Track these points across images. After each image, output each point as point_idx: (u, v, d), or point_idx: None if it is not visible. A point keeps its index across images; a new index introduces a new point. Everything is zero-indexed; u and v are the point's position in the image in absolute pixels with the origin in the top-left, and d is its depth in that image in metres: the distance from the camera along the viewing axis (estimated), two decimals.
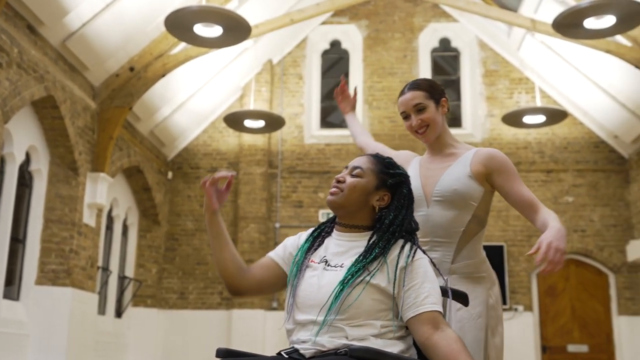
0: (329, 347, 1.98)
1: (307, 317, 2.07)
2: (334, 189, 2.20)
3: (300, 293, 2.13)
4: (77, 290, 7.39)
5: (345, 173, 2.23)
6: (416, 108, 2.57)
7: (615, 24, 6.35)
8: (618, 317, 9.74)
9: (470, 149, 2.60)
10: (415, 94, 2.57)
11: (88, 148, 7.78)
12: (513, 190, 2.47)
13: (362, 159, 2.25)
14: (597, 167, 10.20)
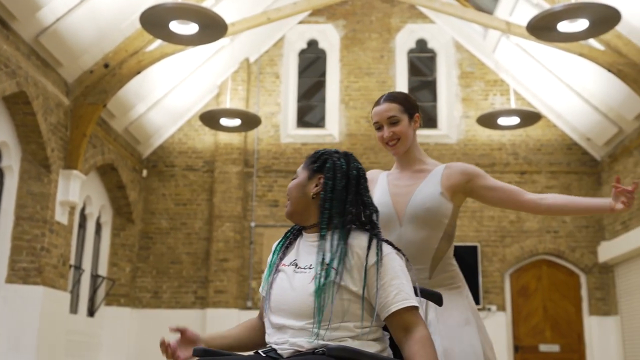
0: (306, 348, 1.98)
1: (282, 320, 2.06)
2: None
3: (272, 297, 2.12)
4: (49, 288, 7.29)
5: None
6: (390, 120, 2.59)
7: (588, 28, 6.42)
8: (589, 317, 9.87)
9: (439, 165, 2.64)
10: (390, 106, 2.59)
11: (61, 145, 7.69)
12: (497, 184, 2.56)
13: (300, 169, 2.24)
14: (570, 169, 10.33)
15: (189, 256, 10.35)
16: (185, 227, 10.46)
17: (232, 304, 9.92)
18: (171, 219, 10.49)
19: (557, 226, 10.13)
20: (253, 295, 10.13)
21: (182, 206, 10.55)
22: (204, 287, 10.18)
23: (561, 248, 10.06)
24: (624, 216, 9.36)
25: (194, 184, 10.62)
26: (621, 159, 9.49)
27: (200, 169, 10.68)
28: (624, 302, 9.44)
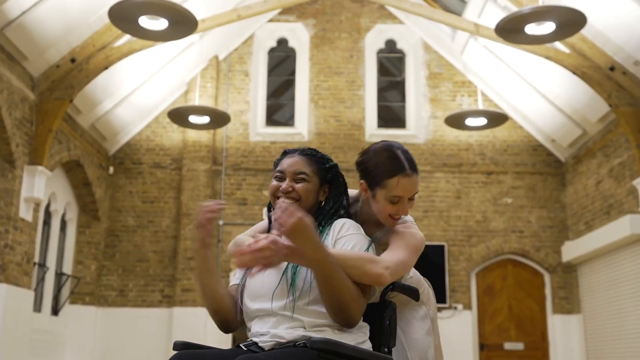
0: (287, 339, 2.02)
1: (259, 305, 2.11)
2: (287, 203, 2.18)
3: (249, 286, 2.17)
4: (12, 286, 7.16)
5: (287, 182, 2.23)
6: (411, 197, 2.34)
7: (554, 31, 6.54)
8: (553, 315, 10.05)
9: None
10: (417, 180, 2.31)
11: (26, 140, 7.55)
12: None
13: (299, 161, 2.27)
14: (535, 169, 10.50)
15: (156, 254, 10.26)
16: (153, 225, 10.36)
17: (199, 302, 9.86)
18: (138, 217, 10.38)
19: (523, 226, 10.30)
20: None
21: (149, 204, 10.44)
22: (171, 285, 10.10)
23: (526, 248, 10.22)
24: (587, 216, 9.55)
25: (162, 182, 10.53)
26: (585, 161, 9.67)
27: (168, 166, 10.58)
28: (586, 301, 9.64)
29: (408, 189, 2.23)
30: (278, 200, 2.23)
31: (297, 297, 2.05)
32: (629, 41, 7.55)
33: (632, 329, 8.31)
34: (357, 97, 10.89)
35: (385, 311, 2.19)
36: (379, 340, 2.18)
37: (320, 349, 1.86)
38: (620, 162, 8.63)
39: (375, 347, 2.17)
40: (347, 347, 1.93)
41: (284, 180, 2.25)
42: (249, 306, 2.15)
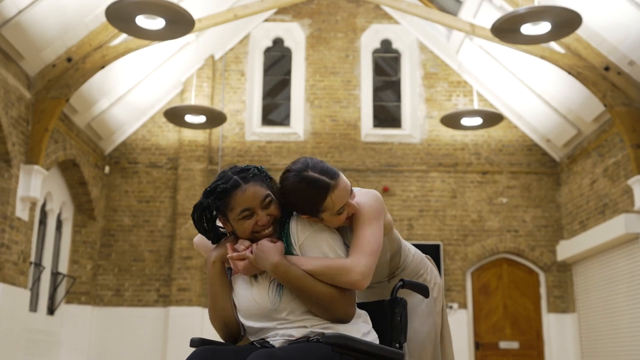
0: (297, 336, 2.08)
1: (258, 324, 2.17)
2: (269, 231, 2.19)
3: (240, 304, 2.21)
4: (8, 285, 7.15)
5: (261, 214, 2.16)
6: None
7: (550, 31, 6.58)
8: (547, 314, 10.09)
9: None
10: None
11: (22, 139, 7.54)
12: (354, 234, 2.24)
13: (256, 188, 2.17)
14: (530, 169, 10.55)
15: (151, 254, 10.26)
16: (148, 225, 10.36)
17: (195, 302, 9.86)
18: (134, 216, 10.37)
19: (518, 225, 10.34)
20: None
21: (145, 203, 10.44)
22: (167, 285, 10.10)
23: (521, 247, 10.27)
24: (582, 216, 9.60)
25: (158, 181, 10.53)
26: (579, 160, 9.72)
27: (163, 165, 10.58)
28: (581, 300, 9.68)
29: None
30: (256, 234, 2.18)
31: (289, 311, 2.12)
32: (623, 41, 7.59)
33: (627, 328, 8.35)
34: (353, 97, 10.91)
35: (396, 307, 2.23)
36: (390, 336, 2.22)
37: (334, 344, 1.92)
38: (615, 162, 8.68)
39: (387, 342, 2.22)
40: (360, 342, 1.98)
41: (254, 215, 2.16)
42: (248, 324, 2.21)
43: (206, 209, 2.20)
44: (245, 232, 2.17)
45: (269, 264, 2.08)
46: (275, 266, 2.07)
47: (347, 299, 2.12)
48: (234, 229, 2.19)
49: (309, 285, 2.07)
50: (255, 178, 2.19)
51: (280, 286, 2.13)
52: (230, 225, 2.20)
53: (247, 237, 2.18)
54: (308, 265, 2.10)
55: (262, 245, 2.12)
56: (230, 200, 2.15)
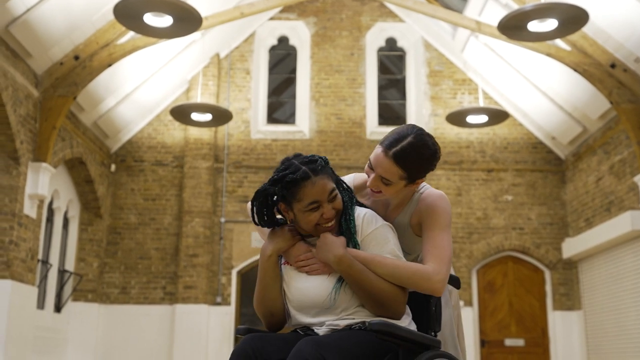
0: (343, 325, 2.16)
1: (308, 319, 2.23)
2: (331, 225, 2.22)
3: (292, 297, 2.26)
4: (17, 282, 7.18)
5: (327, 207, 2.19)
6: (382, 181, 2.26)
7: (557, 28, 6.60)
8: (553, 312, 10.10)
9: (417, 192, 2.37)
10: (390, 166, 2.21)
11: (30, 137, 7.57)
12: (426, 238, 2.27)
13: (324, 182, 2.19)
14: (535, 167, 10.56)
15: (158, 252, 10.28)
16: (154, 223, 10.39)
17: (201, 299, 9.89)
18: (140, 214, 10.40)
19: (523, 223, 10.35)
20: (223, 290, 10.11)
21: (151, 201, 10.47)
22: (173, 282, 10.12)
23: (526, 244, 10.28)
24: (587, 213, 9.61)
25: (163, 179, 10.56)
26: (585, 158, 9.73)
27: (169, 164, 10.61)
28: (587, 297, 9.69)
29: (376, 167, 2.26)
30: (318, 226, 2.21)
31: (343, 308, 2.19)
32: (630, 38, 7.60)
33: (633, 325, 8.36)
34: (358, 95, 10.93)
35: (430, 298, 2.30)
36: (426, 325, 2.30)
37: (378, 330, 1.99)
38: (621, 159, 8.69)
39: (423, 331, 2.29)
40: (403, 329, 2.07)
41: (321, 207, 2.18)
42: (298, 317, 2.26)
43: (270, 196, 2.23)
44: (309, 224, 2.20)
45: (332, 256, 2.12)
46: (340, 258, 2.11)
47: (403, 297, 2.18)
48: (297, 219, 2.22)
49: (370, 281, 2.13)
50: (322, 170, 2.20)
51: (338, 283, 2.18)
52: (292, 215, 2.22)
53: (309, 229, 2.21)
54: (384, 267, 2.14)
55: (326, 237, 2.15)
56: (299, 192, 2.16)
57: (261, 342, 2.11)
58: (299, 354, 1.95)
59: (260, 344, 2.10)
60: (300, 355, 1.95)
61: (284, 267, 2.31)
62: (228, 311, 10.03)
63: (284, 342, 2.13)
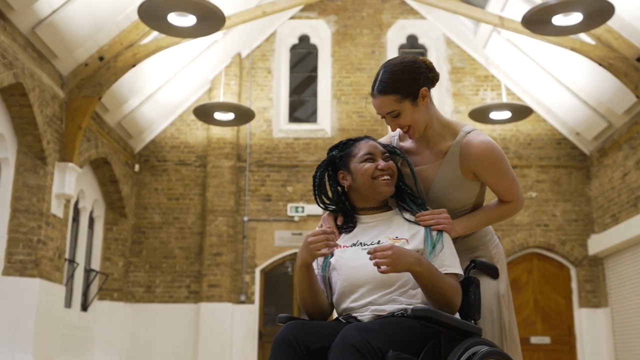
0: (388, 311, 2.19)
1: (358, 295, 2.25)
2: (387, 179, 2.34)
3: (344, 277, 2.29)
4: (45, 281, 7.27)
5: (381, 161, 2.36)
6: (390, 115, 2.34)
7: (582, 22, 6.54)
8: (579, 309, 10.00)
9: (457, 137, 2.38)
10: (383, 100, 2.31)
11: (56, 137, 7.66)
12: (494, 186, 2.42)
13: (376, 144, 2.42)
14: (560, 163, 10.46)
15: (182, 250, 10.35)
16: (178, 222, 10.46)
17: (225, 298, 9.93)
18: (164, 214, 10.48)
19: (548, 220, 10.26)
20: (246, 289, 10.15)
21: (174, 201, 10.54)
22: (197, 281, 10.18)
23: (551, 241, 10.19)
24: (613, 209, 9.51)
25: (187, 179, 10.62)
26: (610, 153, 9.62)
27: (192, 163, 10.68)
28: (613, 294, 9.59)
29: (377, 109, 2.37)
30: (377, 180, 2.34)
31: (394, 288, 2.22)
32: None
33: None
34: None
35: (470, 287, 2.34)
36: (465, 313, 2.32)
37: (421, 317, 2.03)
38: None
39: (463, 319, 2.30)
40: (445, 316, 2.10)
41: (376, 160, 2.36)
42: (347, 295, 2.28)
43: (331, 162, 2.40)
44: (365, 175, 2.33)
45: (412, 259, 2.14)
46: (419, 260, 2.15)
47: (460, 291, 2.27)
48: (354, 178, 2.36)
49: (441, 277, 2.19)
50: (381, 143, 2.46)
51: None
52: (350, 179, 2.37)
53: (366, 183, 2.33)
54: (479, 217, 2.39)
55: (397, 247, 2.16)
56: (354, 148, 2.39)
57: (303, 329, 2.12)
58: (345, 339, 1.96)
59: (303, 330, 2.11)
60: (346, 340, 1.96)
61: (337, 252, 2.33)
62: (252, 309, 10.07)
63: (327, 329, 2.15)
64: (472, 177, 2.38)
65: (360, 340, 1.94)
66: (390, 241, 2.26)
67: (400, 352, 2.00)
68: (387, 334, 2.01)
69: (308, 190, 10.35)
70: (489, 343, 2.24)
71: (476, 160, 2.32)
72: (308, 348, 2.08)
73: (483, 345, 2.20)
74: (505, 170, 2.37)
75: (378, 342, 1.96)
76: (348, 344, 1.95)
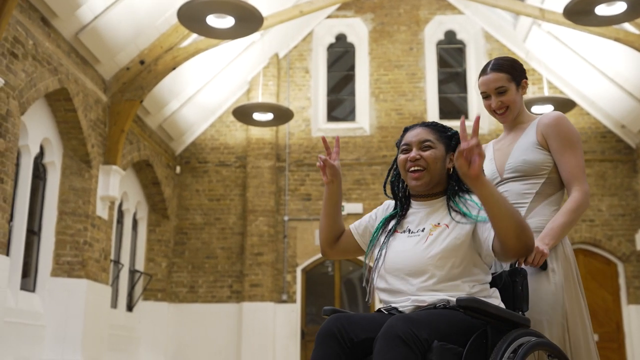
0: (428, 302, 2.16)
1: (399, 281, 2.25)
2: (416, 172, 2.33)
3: (388, 260, 2.30)
4: (92, 282, 7.41)
5: (414, 151, 2.34)
6: (497, 90, 2.60)
7: (626, 11, 6.39)
8: (627, 306, 9.78)
9: (536, 118, 2.65)
10: (497, 76, 2.59)
11: (100, 141, 7.81)
12: (560, 162, 2.52)
13: (421, 131, 2.40)
14: (605, 157, 10.24)
15: (223, 251, 10.44)
16: (219, 222, 10.56)
17: (267, 297, 9.99)
18: (205, 215, 10.59)
19: (593, 215, 10.05)
20: (288, 288, 10.18)
21: (215, 201, 10.64)
22: (239, 281, 10.26)
23: (597, 237, 9.98)
24: None
25: (227, 180, 10.71)
26: None
27: (232, 164, 10.76)
28: None
29: (487, 84, 2.61)
30: (408, 172, 2.36)
31: (438, 278, 2.19)
32: None
33: None
34: (418, 90, 10.84)
35: (517, 277, 2.31)
36: (512, 304, 2.29)
37: (466, 307, 1.99)
38: None
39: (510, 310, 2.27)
40: (491, 306, 2.05)
41: (411, 151, 2.36)
42: (387, 279, 2.28)
43: (397, 146, 2.48)
44: (400, 167, 2.40)
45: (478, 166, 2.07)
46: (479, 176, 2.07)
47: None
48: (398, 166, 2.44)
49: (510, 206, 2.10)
50: (431, 126, 2.41)
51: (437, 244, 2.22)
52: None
53: (402, 174, 2.39)
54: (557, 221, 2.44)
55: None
56: (403, 137, 2.43)
57: (347, 321, 2.12)
58: (391, 329, 1.95)
59: (347, 323, 2.11)
60: (392, 331, 1.95)
61: (395, 235, 2.36)
62: (294, 308, 10.10)
63: (370, 321, 2.14)
64: (545, 146, 2.55)
65: (406, 331, 1.93)
66: (432, 228, 2.28)
67: (445, 343, 1.97)
68: (432, 325, 2.00)
69: (348, 189, 10.34)
70: (537, 334, 2.19)
71: (547, 125, 2.55)
72: (352, 340, 2.08)
73: (531, 337, 2.15)
74: (572, 144, 2.51)
75: (424, 333, 1.95)
76: (394, 334, 1.93)
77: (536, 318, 2.39)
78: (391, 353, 1.92)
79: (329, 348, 2.07)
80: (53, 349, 6.95)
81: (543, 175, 2.55)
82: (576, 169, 2.49)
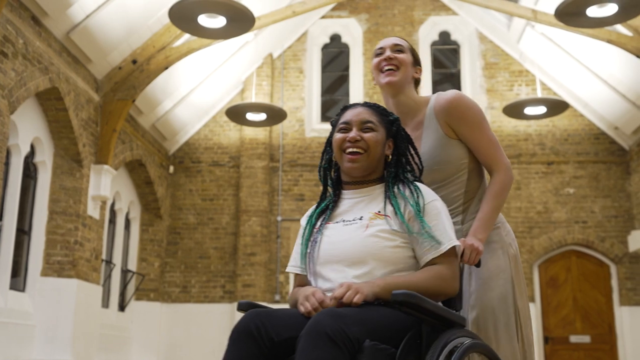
0: None
1: (334, 273, 2.09)
2: (355, 154, 2.15)
3: (322, 252, 2.13)
4: (82, 281, 7.39)
5: (354, 131, 2.17)
6: (395, 47, 2.49)
7: (617, 12, 6.38)
8: (620, 307, 9.78)
9: (428, 103, 2.46)
10: (401, 40, 2.55)
11: (92, 140, 7.79)
12: (473, 146, 2.39)
13: (363, 111, 2.23)
14: (598, 158, 10.25)
15: (216, 251, 10.43)
16: (213, 222, 10.54)
17: (260, 297, 9.98)
18: (198, 215, 10.57)
19: (586, 216, 10.06)
20: (281, 289, 10.17)
21: (208, 201, 10.63)
22: (232, 281, 10.25)
23: (590, 238, 9.99)
24: None
25: (220, 180, 10.70)
26: None
27: (226, 164, 10.75)
28: None
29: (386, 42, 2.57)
30: (344, 153, 2.17)
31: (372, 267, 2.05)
32: None
33: None
34: None
35: None
36: (447, 302, 2.19)
37: (402, 302, 1.79)
38: None
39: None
40: (428, 302, 1.86)
41: (350, 131, 2.17)
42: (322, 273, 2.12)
43: (333, 125, 2.28)
44: (335, 147, 2.20)
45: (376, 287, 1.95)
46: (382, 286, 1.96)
47: (455, 275, 2.07)
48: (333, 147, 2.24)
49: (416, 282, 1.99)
50: (374, 108, 2.25)
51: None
52: (331, 149, 2.27)
53: (337, 155, 2.20)
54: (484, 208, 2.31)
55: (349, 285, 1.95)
56: (341, 116, 2.25)
57: (267, 318, 1.90)
58: (317, 326, 1.74)
59: (266, 319, 1.89)
60: (318, 327, 1.73)
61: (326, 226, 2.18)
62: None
63: (293, 318, 1.94)
64: (454, 136, 2.39)
65: (334, 328, 1.72)
66: (373, 216, 2.09)
67: (377, 342, 1.79)
68: (364, 320, 1.80)
69: None
70: (471, 335, 2.07)
71: (448, 110, 2.38)
72: (272, 340, 1.86)
73: (466, 338, 2.00)
74: (479, 122, 2.38)
75: (354, 329, 1.75)
76: (320, 331, 1.72)
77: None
78: (316, 352, 1.70)
79: (244, 348, 1.84)
80: (43, 349, 6.93)
81: (463, 171, 2.41)
82: (490, 146, 2.37)
